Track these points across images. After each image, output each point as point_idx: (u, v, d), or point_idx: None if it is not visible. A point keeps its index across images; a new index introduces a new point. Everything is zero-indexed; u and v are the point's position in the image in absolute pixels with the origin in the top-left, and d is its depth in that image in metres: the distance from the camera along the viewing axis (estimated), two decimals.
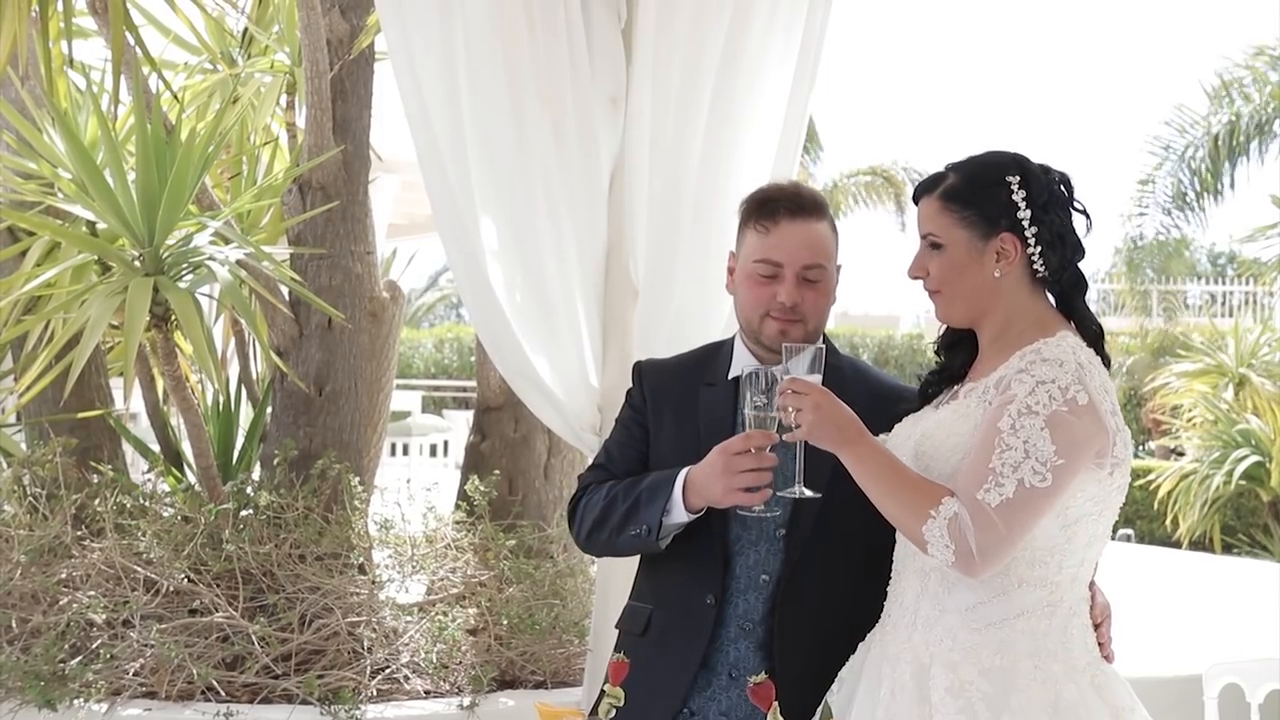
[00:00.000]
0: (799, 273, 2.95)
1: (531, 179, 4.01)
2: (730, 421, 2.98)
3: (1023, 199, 2.70)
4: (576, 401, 4.07)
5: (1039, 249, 2.71)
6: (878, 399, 2.95)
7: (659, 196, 4.04)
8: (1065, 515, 2.61)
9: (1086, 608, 2.73)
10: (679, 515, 2.88)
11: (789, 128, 4.14)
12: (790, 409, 2.64)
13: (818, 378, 2.70)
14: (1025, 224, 2.70)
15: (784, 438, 2.70)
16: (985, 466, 2.54)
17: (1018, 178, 2.71)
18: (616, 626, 3.14)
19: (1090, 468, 2.60)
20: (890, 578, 2.80)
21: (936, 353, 2.88)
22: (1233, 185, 15.86)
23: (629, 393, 3.18)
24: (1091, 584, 2.77)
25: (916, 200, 2.79)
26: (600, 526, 2.99)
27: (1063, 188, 2.76)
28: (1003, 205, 2.70)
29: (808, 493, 2.74)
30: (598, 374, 4.10)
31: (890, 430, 2.83)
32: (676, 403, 3.06)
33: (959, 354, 2.84)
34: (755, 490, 2.77)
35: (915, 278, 2.77)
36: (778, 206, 2.98)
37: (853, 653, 2.85)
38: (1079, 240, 2.76)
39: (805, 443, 2.69)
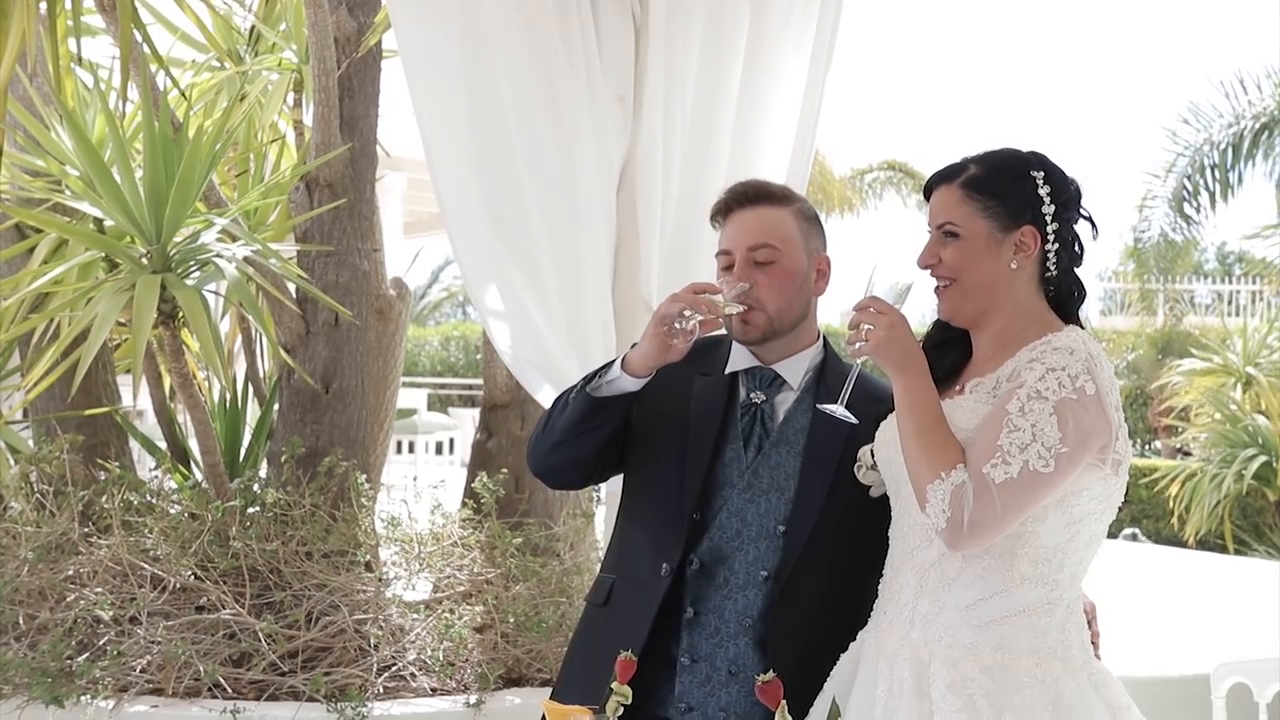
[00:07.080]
0: (745, 255, 2.98)
1: (548, 172, 4.01)
2: (720, 413, 2.99)
3: (1048, 194, 2.71)
4: None
5: (1056, 246, 2.71)
6: (875, 403, 2.94)
7: (676, 197, 4.04)
8: (1070, 514, 2.61)
9: (1081, 606, 2.73)
10: (614, 373, 2.92)
11: (803, 127, 4.14)
12: (864, 325, 2.64)
13: (901, 310, 2.69)
14: (1048, 219, 2.70)
15: (850, 351, 2.70)
16: (993, 443, 2.53)
17: (1042, 173, 2.72)
18: (586, 600, 3.16)
19: (1094, 463, 2.59)
20: (882, 576, 2.80)
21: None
22: (1240, 183, 15.84)
23: None
24: None
25: (931, 189, 2.77)
26: (549, 418, 3.03)
27: (1075, 191, 2.76)
28: (1028, 198, 2.70)
29: (839, 411, 2.71)
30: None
31: (878, 428, 2.82)
32: (671, 379, 3.05)
33: (946, 356, 2.83)
34: (678, 327, 2.78)
35: (926, 266, 2.74)
36: (727, 201, 3.04)
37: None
38: (1083, 247, 2.77)
39: (858, 375, 2.72)
